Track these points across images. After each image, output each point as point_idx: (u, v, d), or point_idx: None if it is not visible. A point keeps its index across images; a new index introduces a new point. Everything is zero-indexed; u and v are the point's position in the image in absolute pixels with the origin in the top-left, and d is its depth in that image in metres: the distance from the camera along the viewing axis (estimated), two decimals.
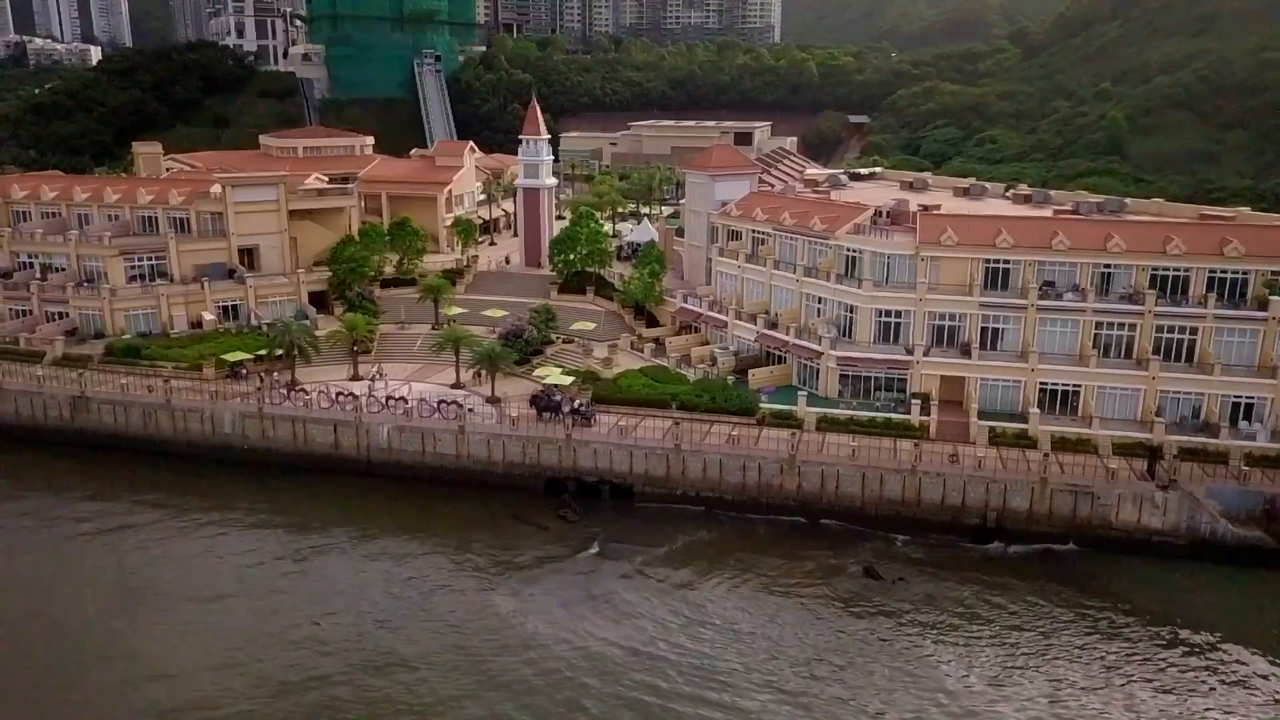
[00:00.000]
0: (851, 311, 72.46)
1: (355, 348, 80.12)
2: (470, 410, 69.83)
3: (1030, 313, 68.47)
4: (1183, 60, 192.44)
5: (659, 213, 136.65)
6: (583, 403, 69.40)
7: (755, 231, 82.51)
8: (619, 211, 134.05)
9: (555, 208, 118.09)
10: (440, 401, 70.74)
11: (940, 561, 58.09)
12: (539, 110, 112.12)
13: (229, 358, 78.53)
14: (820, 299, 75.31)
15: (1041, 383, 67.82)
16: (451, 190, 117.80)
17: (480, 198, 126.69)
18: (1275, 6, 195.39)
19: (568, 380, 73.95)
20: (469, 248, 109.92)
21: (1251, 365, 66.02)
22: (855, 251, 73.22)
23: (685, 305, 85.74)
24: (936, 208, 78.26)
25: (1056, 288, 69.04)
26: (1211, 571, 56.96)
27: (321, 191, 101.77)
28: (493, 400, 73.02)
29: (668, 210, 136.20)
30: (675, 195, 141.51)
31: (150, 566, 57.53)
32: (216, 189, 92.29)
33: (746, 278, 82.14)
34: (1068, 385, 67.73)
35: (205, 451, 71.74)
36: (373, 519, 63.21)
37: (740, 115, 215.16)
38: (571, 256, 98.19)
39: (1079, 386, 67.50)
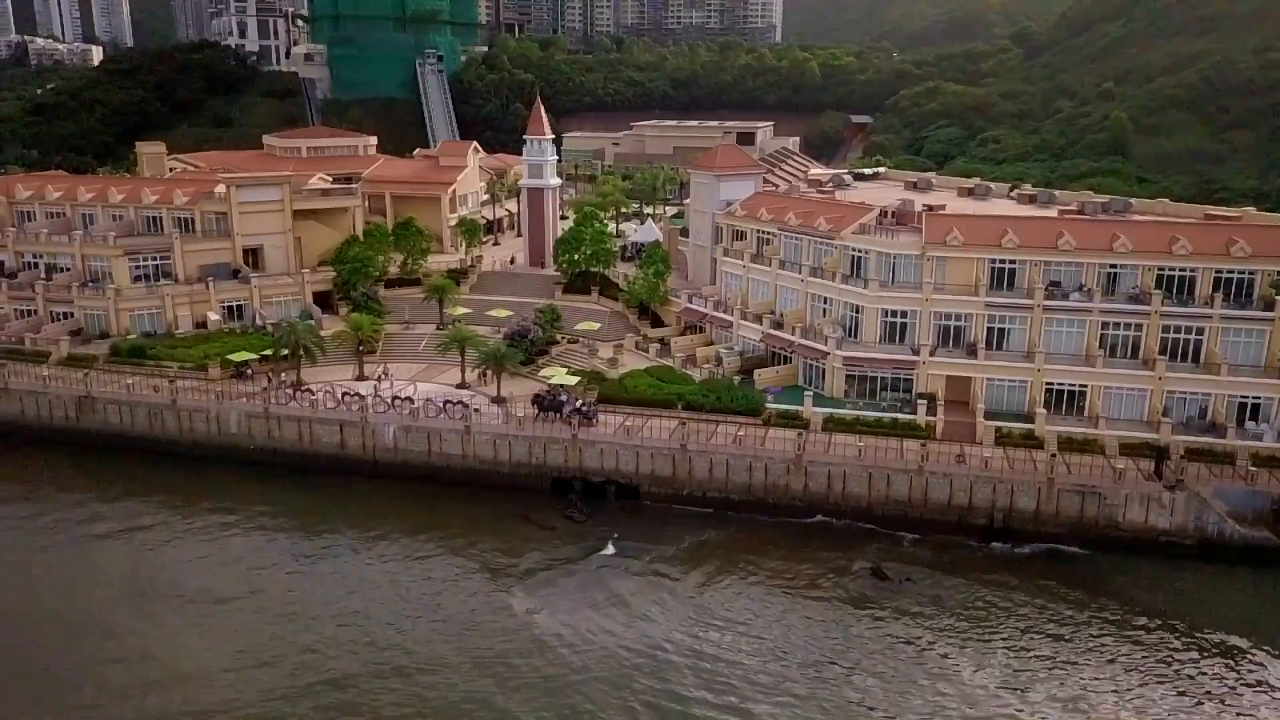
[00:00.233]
0: (857, 311, 72.46)
1: (360, 348, 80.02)
2: (476, 410, 69.82)
3: (1036, 313, 68.45)
4: (1186, 60, 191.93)
5: (662, 213, 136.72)
6: (585, 402, 69.41)
7: (760, 231, 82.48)
8: (622, 211, 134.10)
9: (559, 208, 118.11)
10: (446, 402, 70.71)
11: (947, 561, 58.02)
12: (543, 110, 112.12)
13: (234, 358, 78.56)
14: (826, 299, 75.30)
15: (1048, 383, 67.79)
16: (455, 190, 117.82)
17: (484, 198, 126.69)
18: (1279, 7, 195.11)
19: (573, 380, 73.96)
20: (473, 248, 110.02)
21: (1258, 365, 66.01)
22: (861, 251, 73.23)
23: (690, 305, 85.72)
24: (942, 208, 78.30)
25: (1062, 288, 68.99)
26: (1220, 572, 56.91)
27: (326, 191, 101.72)
28: (498, 400, 73.05)
29: (671, 210, 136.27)
30: (679, 195, 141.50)
31: (159, 567, 57.53)
32: (221, 189, 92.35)
33: (751, 278, 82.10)
34: (1074, 385, 67.67)
35: (211, 452, 71.79)
36: (379, 519, 63.19)
37: (742, 115, 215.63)
38: (576, 256, 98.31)
39: (1085, 387, 67.42)
